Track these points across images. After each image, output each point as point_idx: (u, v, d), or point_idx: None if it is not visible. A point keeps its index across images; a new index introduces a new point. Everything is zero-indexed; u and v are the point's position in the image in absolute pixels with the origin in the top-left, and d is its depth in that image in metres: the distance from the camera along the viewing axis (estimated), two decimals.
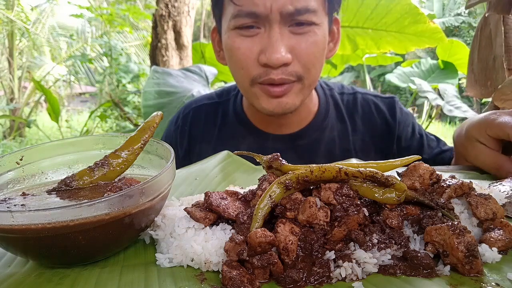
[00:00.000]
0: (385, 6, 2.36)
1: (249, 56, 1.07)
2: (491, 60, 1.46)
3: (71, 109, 11.88)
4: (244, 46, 1.07)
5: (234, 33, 1.08)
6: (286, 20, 1.02)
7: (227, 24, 1.10)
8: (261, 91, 1.11)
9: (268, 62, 1.03)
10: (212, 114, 1.39)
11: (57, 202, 0.61)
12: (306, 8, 1.02)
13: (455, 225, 0.52)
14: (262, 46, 1.05)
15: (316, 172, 0.58)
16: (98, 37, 7.60)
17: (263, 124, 1.30)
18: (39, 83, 5.16)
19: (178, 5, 4.08)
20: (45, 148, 0.75)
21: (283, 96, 1.10)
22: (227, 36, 1.12)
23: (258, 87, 1.10)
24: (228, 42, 1.11)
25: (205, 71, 2.88)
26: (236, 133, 1.33)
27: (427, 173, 0.63)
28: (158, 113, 0.74)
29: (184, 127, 1.39)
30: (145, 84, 2.74)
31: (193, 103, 1.44)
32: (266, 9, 1.00)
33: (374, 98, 1.37)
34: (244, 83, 1.13)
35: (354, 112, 1.33)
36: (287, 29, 1.04)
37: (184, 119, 1.40)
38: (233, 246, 0.52)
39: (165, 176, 0.61)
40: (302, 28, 1.04)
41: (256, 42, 1.06)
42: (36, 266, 0.58)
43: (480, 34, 1.49)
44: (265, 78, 1.07)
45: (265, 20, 1.03)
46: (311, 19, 1.04)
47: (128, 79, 5.80)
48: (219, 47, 1.26)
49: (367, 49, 2.86)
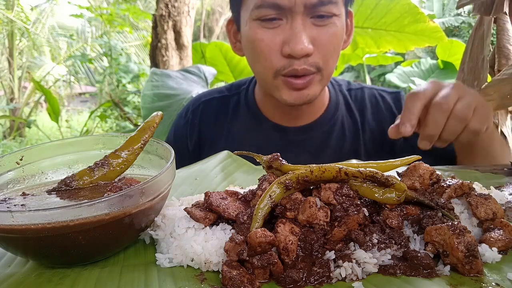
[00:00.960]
0: (385, 5, 2.36)
1: (272, 47, 1.07)
2: (480, 60, 1.47)
3: (71, 109, 11.87)
4: (267, 37, 1.07)
5: (256, 24, 1.08)
6: (309, 11, 1.03)
7: (248, 15, 1.09)
8: (283, 83, 1.11)
9: (292, 53, 1.03)
10: (223, 107, 1.38)
11: (57, 202, 0.61)
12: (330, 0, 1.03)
13: (455, 225, 0.52)
14: (285, 38, 1.05)
15: (316, 172, 0.58)
16: (98, 37, 7.60)
17: (276, 116, 1.30)
18: (39, 83, 5.16)
19: (178, 5, 4.08)
20: (45, 148, 0.75)
21: (305, 88, 1.11)
22: (248, 28, 1.11)
23: (281, 79, 1.11)
24: (249, 34, 1.11)
25: (204, 72, 2.88)
26: (248, 125, 1.33)
27: (427, 173, 0.64)
28: (158, 113, 0.74)
29: (194, 120, 1.38)
30: (144, 87, 2.74)
31: (202, 97, 1.43)
32: (290, 1, 1.01)
33: (381, 92, 1.37)
34: (267, 74, 1.12)
35: (363, 106, 1.34)
36: (309, 20, 1.05)
37: (194, 112, 1.40)
38: (233, 246, 0.52)
39: (165, 176, 0.61)
40: (323, 20, 1.05)
41: (278, 33, 1.06)
42: (36, 266, 0.58)
43: (475, 34, 1.50)
44: (288, 69, 1.07)
45: (288, 11, 1.03)
46: (333, 10, 1.05)
47: (128, 79, 5.80)
48: (235, 39, 1.25)
49: (367, 48, 2.86)
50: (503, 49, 1.44)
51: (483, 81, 1.44)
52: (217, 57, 3.52)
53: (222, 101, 1.40)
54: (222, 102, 1.39)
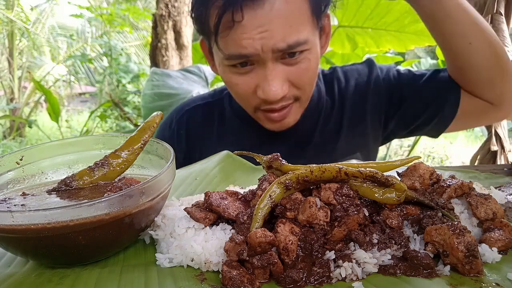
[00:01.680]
0: (385, 5, 2.35)
1: (247, 90, 1.09)
2: None
3: (71, 109, 11.87)
4: (242, 82, 1.08)
5: (229, 69, 1.08)
6: (278, 55, 1.02)
7: (219, 59, 1.09)
8: (264, 117, 1.15)
9: (266, 98, 1.05)
10: (208, 114, 1.37)
11: (57, 202, 0.61)
12: (298, 42, 1.00)
13: (455, 225, 0.52)
14: (258, 81, 1.05)
15: (316, 172, 0.58)
16: (98, 37, 7.61)
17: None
18: (39, 83, 5.16)
19: (178, 5, 4.08)
20: (45, 148, 0.75)
21: (285, 118, 1.14)
22: (222, 70, 1.12)
23: (261, 113, 1.14)
24: (224, 76, 1.12)
25: (204, 72, 2.88)
26: (236, 128, 1.33)
27: (427, 173, 0.64)
28: (158, 113, 0.74)
29: (179, 131, 1.37)
30: (144, 86, 2.74)
31: (185, 106, 1.42)
32: (257, 50, 0.99)
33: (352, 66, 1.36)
34: (248, 109, 1.18)
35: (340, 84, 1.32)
36: (280, 61, 1.04)
37: (179, 122, 1.38)
38: (233, 246, 0.52)
39: (165, 176, 0.61)
40: (294, 59, 1.04)
41: (252, 77, 1.06)
42: (36, 266, 0.58)
43: None
44: (266, 107, 1.10)
45: (258, 58, 1.02)
46: (303, 48, 1.03)
47: (128, 79, 5.81)
48: (211, 57, 1.21)
49: (367, 47, 2.85)
50: None
51: None
52: None
53: (207, 108, 1.38)
54: (206, 109, 1.38)
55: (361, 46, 2.84)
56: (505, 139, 1.57)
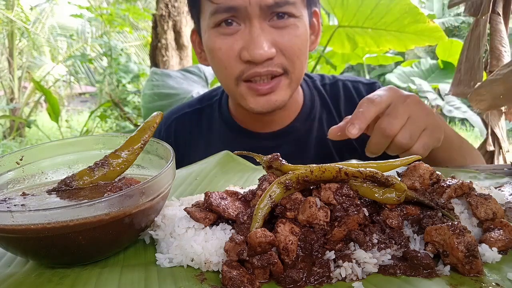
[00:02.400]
0: (385, 5, 2.36)
1: (231, 55, 1.05)
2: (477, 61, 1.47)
3: (71, 109, 11.87)
4: (225, 45, 1.05)
5: (214, 32, 1.06)
6: (266, 13, 1.01)
7: (206, 23, 1.08)
8: (248, 89, 1.08)
9: (252, 59, 1.01)
10: (196, 121, 1.36)
11: (57, 202, 0.61)
12: (285, 0, 1.01)
13: (455, 225, 0.52)
14: (244, 43, 1.03)
15: (316, 172, 0.58)
16: (98, 37, 7.61)
17: (252, 124, 1.28)
18: (39, 83, 5.16)
19: (178, 5, 4.08)
20: (45, 148, 0.75)
21: (271, 93, 1.08)
22: (207, 36, 1.09)
23: (244, 85, 1.08)
24: (208, 43, 1.09)
25: (204, 72, 2.88)
26: (225, 137, 1.31)
27: (427, 173, 0.64)
28: (158, 113, 0.74)
29: (168, 139, 1.33)
30: (144, 86, 2.74)
31: (173, 113, 1.40)
32: (245, 1, 0.99)
33: (355, 84, 1.35)
34: (229, 82, 1.10)
35: (338, 99, 1.32)
36: (268, 23, 1.03)
37: (167, 131, 1.37)
38: (233, 246, 0.52)
39: (165, 176, 0.61)
40: (283, 21, 1.03)
41: (237, 39, 1.04)
42: (36, 266, 0.58)
43: (471, 34, 1.50)
44: (249, 72, 1.05)
45: (245, 15, 1.01)
46: (291, 10, 1.03)
47: (128, 79, 5.81)
48: (200, 49, 1.23)
49: (367, 47, 2.85)
50: (494, 50, 1.45)
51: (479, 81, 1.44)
52: None
53: (195, 115, 1.37)
54: (194, 116, 1.37)
55: (361, 46, 2.84)
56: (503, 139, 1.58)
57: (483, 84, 1.28)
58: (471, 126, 8.85)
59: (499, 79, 1.21)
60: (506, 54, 1.44)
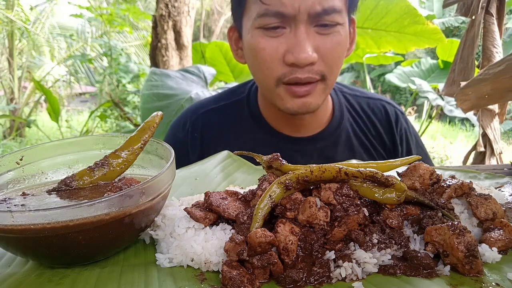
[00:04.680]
0: (385, 6, 2.36)
1: (275, 56, 1.06)
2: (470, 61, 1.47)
3: (71, 109, 11.86)
4: (270, 46, 1.06)
5: (259, 32, 1.07)
6: (312, 20, 1.03)
7: (250, 23, 1.09)
8: (286, 91, 1.11)
9: (296, 62, 1.03)
10: (224, 117, 1.36)
11: (57, 202, 0.61)
12: (333, 8, 1.02)
13: (455, 225, 0.52)
14: (288, 46, 1.04)
15: (316, 172, 0.58)
16: (98, 37, 7.60)
17: (281, 126, 1.29)
18: (39, 83, 5.16)
19: (178, 5, 4.08)
20: (45, 148, 0.75)
21: (308, 95, 1.10)
22: (250, 36, 1.10)
23: (283, 87, 1.10)
24: (252, 42, 1.10)
25: (203, 72, 2.87)
26: (253, 135, 1.31)
27: (427, 173, 0.64)
28: (158, 113, 0.74)
29: (194, 133, 1.36)
30: (143, 87, 2.73)
31: (199, 108, 1.40)
32: (294, 9, 1.00)
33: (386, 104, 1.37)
34: (269, 83, 1.12)
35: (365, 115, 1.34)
36: (313, 29, 1.04)
37: (194, 125, 1.37)
38: (233, 246, 0.52)
39: (165, 176, 0.61)
40: (327, 29, 1.05)
41: (281, 42, 1.05)
42: (36, 266, 0.58)
43: (466, 35, 1.50)
44: (291, 77, 1.07)
45: (292, 20, 1.02)
46: (337, 19, 1.04)
47: (128, 79, 5.80)
48: (237, 46, 1.24)
49: (368, 48, 2.86)
50: (486, 51, 1.45)
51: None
52: (217, 57, 3.52)
53: (222, 111, 1.37)
54: (221, 113, 1.37)
55: (362, 47, 2.85)
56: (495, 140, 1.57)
57: (470, 84, 1.28)
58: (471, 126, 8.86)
59: (488, 78, 1.21)
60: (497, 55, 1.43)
